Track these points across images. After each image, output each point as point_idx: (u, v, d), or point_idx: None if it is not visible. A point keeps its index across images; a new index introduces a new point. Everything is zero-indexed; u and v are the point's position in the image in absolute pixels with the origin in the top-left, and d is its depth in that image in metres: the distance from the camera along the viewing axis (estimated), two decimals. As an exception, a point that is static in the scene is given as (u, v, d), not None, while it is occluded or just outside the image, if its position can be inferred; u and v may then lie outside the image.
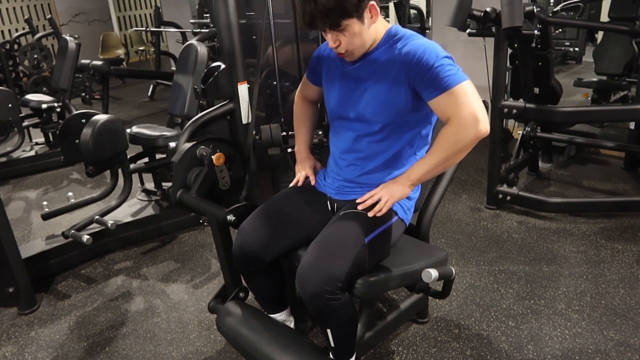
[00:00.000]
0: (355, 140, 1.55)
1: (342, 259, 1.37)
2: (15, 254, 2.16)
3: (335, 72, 1.58)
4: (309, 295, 1.36)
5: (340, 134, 1.61)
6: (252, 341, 1.62)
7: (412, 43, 1.42)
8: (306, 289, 1.36)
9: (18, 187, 3.82)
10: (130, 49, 9.15)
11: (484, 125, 1.34)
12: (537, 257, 2.44)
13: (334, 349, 1.52)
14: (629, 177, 3.32)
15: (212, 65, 1.92)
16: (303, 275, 1.38)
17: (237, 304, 1.79)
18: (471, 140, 1.36)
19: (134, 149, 2.78)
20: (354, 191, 1.59)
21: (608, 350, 1.82)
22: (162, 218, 2.86)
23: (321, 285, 1.34)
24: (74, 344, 2.02)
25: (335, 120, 1.62)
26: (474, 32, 2.78)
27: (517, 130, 3.48)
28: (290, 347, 1.56)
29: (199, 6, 6.19)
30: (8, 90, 3.74)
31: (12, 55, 6.03)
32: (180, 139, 1.89)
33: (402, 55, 1.41)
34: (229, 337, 1.74)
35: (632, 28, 3.23)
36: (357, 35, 1.39)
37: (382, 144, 1.52)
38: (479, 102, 1.35)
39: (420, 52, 1.38)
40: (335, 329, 1.46)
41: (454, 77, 1.34)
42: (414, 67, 1.38)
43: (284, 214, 1.60)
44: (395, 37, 1.46)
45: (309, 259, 1.39)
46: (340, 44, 1.40)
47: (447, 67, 1.35)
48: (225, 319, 1.75)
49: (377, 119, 1.49)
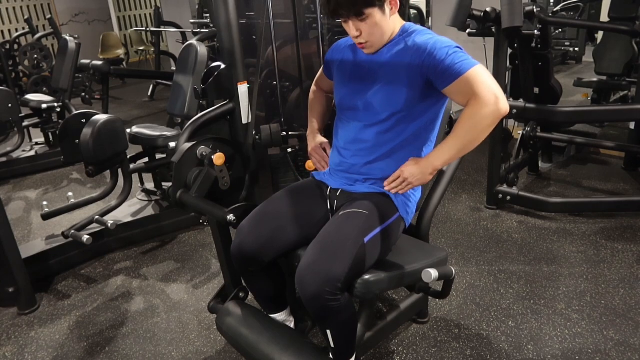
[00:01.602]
0: (362, 130, 1.57)
1: (342, 259, 1.37)
2: (15, 254, 2.16)
3: (347, 62, 1.63)
4: (308, 296, 1.36)
5: (346, 125, 1.62)
6: (252, 341, 1.62)
7: (424, 36, 1.48)
8: (305, 290, 1.36)
9: (18, 187, 3.82)
10: (130, 49, 9.15)
11: (504, 103, 1.36)
12: (537, 257, 2.44)
13: (333, 349, 1.51)
14: (629, 177, 3.32)
15: (212, 65, 1.92)
16: (302, 276, 1.37)
17: (237, 304, 1.79)
18: (493, 119, 1.37)
19: (134, 149, 2.78)
20: (356, 184, 1.60)
21: (608, 350, 1.82)
22: (162, 218, 2.86)
23: (321, 286, 1.34)
24: (74, 344, 2.02)
25: (343, 111, 1.64)
26: (474, 32, 2.77)
27: (517, 130, 3.48)
28: (290, 347, 1.56)
29: (199, 6, 6.21)
30: (8, 90, 3.74)
31: (12, 55, 6.03)
32: (180, 139, 1.89)
33: (415, 47, 1.46)
34: (228, 337, 1.74)
35: (632, 28, 3.23)
36: (378, 25, 1.44)
37: (388, 134, 1.54)
38: (495, 82, 1.38)
39: (432, 43, 1.43)
40: (334, 329, 1.46)
41: (467, 62, 1.38)
42: (427, 58, 1.42)
43: (282, 213, 1.59)
44: (408, 32, 1.52)
45: (308, 259, 1.39)
46: (361, 34, 1.46)
47: (459, 54, 1.40)
48: (225, 318, 1.75)
49: (384, 108, 1.51)
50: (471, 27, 2.75)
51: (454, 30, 2.66)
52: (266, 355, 1.56)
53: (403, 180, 1.50)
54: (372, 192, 1.57)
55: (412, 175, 1.49)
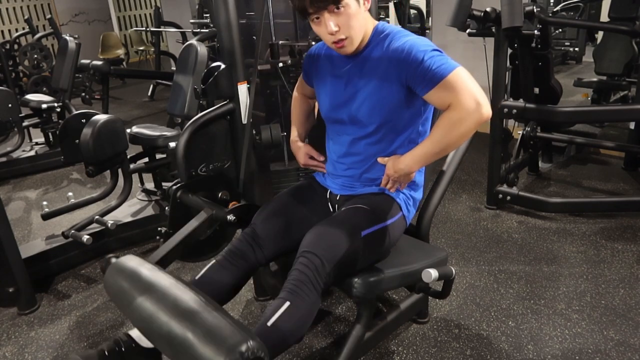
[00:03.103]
0: (352, 143, 1.55)
1: (338, 245, 1.37)
2: (15, 254, 2.15)
3: (325, 74, 1.58)
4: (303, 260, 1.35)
5: (335, 139, 1.61)
6: (139, 299, 1.19)
7: (400, 39, 1.41)
8: (303, 257, 1.36)
9: (18, 187, 3.82)
10: (130, 49, 9.15)
11: (486, 108, 1.32)
12: (537, 257, 2.44)
13: (268, 327, 1.28)
14: (629, 177, 3.32)
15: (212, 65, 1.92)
16: (302, 251, 1.38)
17: (135, 256, 1.41)
18: (474, 126, 1.34)
19: (134, 149, 2.78)
20: (357, 186, 1.60)
21: (608, 350, 1.82)
22: (162, 218, 2.86)
23: (318, 257, 1.34)
24: (74, 344, 2.02)
25: (330, 124, 1.62)
26: (474, 32, 2.77)
27: (517, 130, 3.48)
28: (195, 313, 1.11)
29: (199, 6, 6.20)
30: (8, 90, 3.73)
31: (12, 55, 6.03)
32: (180, 139, 1.89)
33: (391, 52, 1.40)
34: (112, 293, 1.33)
35: (632, 28, 3.23)
36: (354, 17, 1.37)
37: (379, 145, 1.52)
38: (477, 85, 1.33)
39: (408, 48, 1.37)
40: (292, 306, 1.30)
41: (446, 67, 1.33)
42: (404, 64, 1.37)
43: (286, 214, 1.61)
44: (382, 34, 1.46)
45: (305, 243, 1.39)
46: (339, 29, 1.38)
47: (437, 58, 1.34)
48: (112, 273, 1.34)
49: (370, 120, 1.48)
50: (471, 27, 2.74)
51: (454, 30, 2.66)
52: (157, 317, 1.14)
53: (393, 179, 1.51)
54: (374, 193, 1.57)
55: (396, 172, 1.49)
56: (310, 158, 1.76)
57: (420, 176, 1.67)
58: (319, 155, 1.74)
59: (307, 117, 1.86)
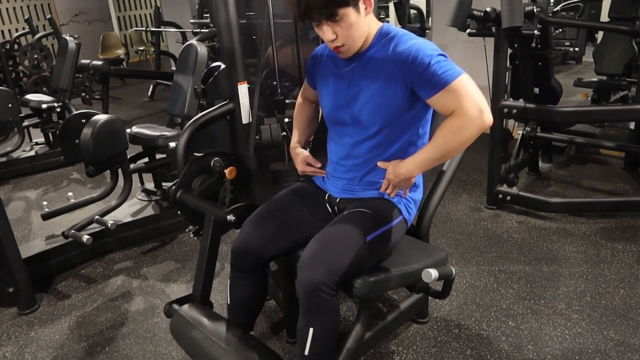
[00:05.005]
0: (353, 146, 1.55)
1: (343, 254, 1.37)
2: (15, 254, 2.16)
3: (328, 74, 1.58)
4: (306, 284, 1.35)
5: (337, 141, 1.61)
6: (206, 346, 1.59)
7: (405, 42, 1.41)
8: (304, 279, 1.36)
9: (18, 187, 3.82)
10: (130, 49, 9.15)
11: (488, 116, 1.34)
12: (537, 257, 2.44)
13: (306, 356, 1.43)
14: (629, 177, 3.32)
15: (212, 65, 1.92)
16: (303, 266, 1.38)
17: (194, 306, 1.76)
18: (476, 132, 1.35)
19: (134, 149, 2.78)
20: (357, 190, 1.59)
21: (608, 350, 1.82)
22: (162, 218, 2.86)
23: (319, 276, 1.34)
24: (74, 344, 2.02)
25: (332, 125, 1.62)
26: (474, 32, 2.77)
27: (517, 130, 3.48)
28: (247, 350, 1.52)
29: (199, 6, 6.21)
30: (8, 90, 3.74)
31: (12, 55, 6.04)
32: (180, 139, 1.89)
33: (396, 55, 1.40)
34: (181, 342, 1.71)
35: (632, 28, 3.23)
36: (354, 26, 1.37)
37: (380, 148, 1.52)
38: (480, 93, 1.35)
39: (414, 52, 1.37)
40: (318, 329, 1.40)
41: (451, 73, 1.34)
42: (410, 67, 1.37)
43: (286, 213, 1.61)
44: (387, 36, 1.46)
45: (310, 252, 1.39)
46: (337, 37, 1.39)
47: (442, 63, 1.35)
48: (178, 321, 1.71)
49: (372, 122, 1.48)
50: (471, 27, 2.75)
51: (454, 30, 2.66)
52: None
53: (394, 184, 1.49)
54: (373, 197, 1.57)
55: (397, 177, 1.47)
56: (308, 165, 1.75)
57: (420, 177, 1.67)
58: (316, 162, 1.74)
59: (309, 124, 1.85)
